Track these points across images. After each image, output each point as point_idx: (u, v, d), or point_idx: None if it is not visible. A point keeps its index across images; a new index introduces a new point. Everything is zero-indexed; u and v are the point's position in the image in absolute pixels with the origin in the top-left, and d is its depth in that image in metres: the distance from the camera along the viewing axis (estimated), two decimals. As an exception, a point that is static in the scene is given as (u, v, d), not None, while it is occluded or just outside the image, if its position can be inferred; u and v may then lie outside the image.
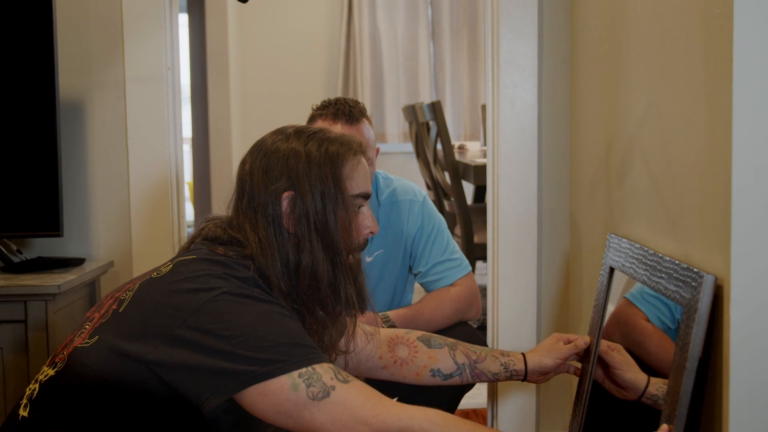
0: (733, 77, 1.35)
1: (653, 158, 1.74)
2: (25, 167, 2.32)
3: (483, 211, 3.46)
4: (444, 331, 2.14)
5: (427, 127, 3.92)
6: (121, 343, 1.31)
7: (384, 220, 2.19)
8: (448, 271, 2.20)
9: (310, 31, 5.82)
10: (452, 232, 3.86)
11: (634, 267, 1.73)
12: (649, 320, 1.64)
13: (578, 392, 1.94)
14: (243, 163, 1.49)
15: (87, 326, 1.40)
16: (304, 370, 1.27)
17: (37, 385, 1.37)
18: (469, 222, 3.58)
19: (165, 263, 1.43)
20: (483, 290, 3.18)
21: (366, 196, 1.48)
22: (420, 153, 4.20)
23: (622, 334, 1.76)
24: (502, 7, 2.32)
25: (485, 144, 4.77)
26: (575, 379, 1.89)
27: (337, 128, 2.04)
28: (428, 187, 4.33)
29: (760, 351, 1.37)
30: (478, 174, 3.55)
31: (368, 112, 2.16)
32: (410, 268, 2.25)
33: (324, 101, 2.14)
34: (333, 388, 1.28)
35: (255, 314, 1.30)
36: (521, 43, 2.33)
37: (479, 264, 3.72)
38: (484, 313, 3.59)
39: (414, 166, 5.14)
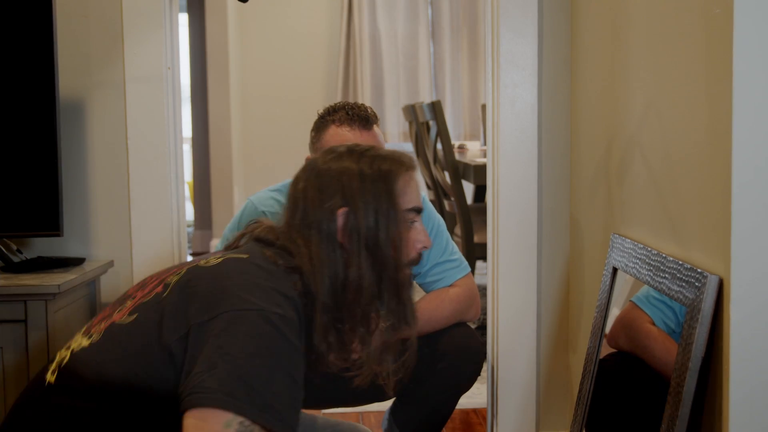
0: (733, 77, 1.35)
1: (653, 158, 1.74)
2: (25, 167, 2.32)
3: (483, 211, 3.46)
4: (443, 332, 2.14)
5: (427, 126, 3.91)
6: (159, 328, 1.32)
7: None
8: (447, 272, 2.20)
9: (310, 31, 5.82)
10: (452, 232, 3.87)
11: (638, 267, 1.73)
12: (654, 323, 1.64)
13: (579, 392, 1.94)
14: (296, 182, 1.51)
15: (128, 303, 1.41)
16: (248, 423, 1.24)
17: (68, 354, 1.38)
18: (469, 222, 3.58)
19: (215, 254, 1.44)
20: (483, 290, 3.18)
21: (418, 211, 1.50)
22: (420, 153, 4.20)
23: (627, 336, 1.76)
24: (502, 6, 2.32)
25: (485, 144, 4.77)
26: (576, 379, 1.89)
27: (355, 133, 2.03)
28: (428, 187, 4.33)
29: (761, 351, 1.37)
30: (478, 174, 3.55)
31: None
32: (409, 269, 2.25)
33: (332, 106, 2.11)
34: None
35: (260, 348, 1.29)
36: (521, 43, 2.33)
37: (479, 264, 3.72)
38: (484, 313, 3.59)
39: (414, 166, 5.12)
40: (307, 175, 1.50)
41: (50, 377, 1.36)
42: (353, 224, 1.43)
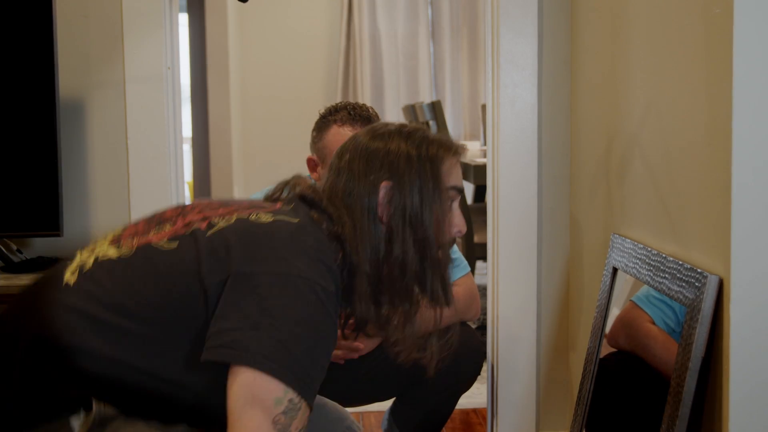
0: (733, 77, 1.35)
1: (653, 158, 1.74)
2: (25, 167, 2.32)
3: (483, 211, 3.46)
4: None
5: (427, 126, 3.91)
6: (198, 265, 1.32)
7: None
8: (447, 271, 2.20)
9: (309, 31, 5.82)
10: (452, 232, 3.86)
11: (638, 267, 1.73)
12: (654, 323, 1.65)
13: (579, 392, 1.94)
14: (341, 155, 1.52)
15: (167, 227, 1.40)
16: (297, 399, 1.25)
17: (92, 260, 1.37)
18: (469, 222, 3.58)
19: (264, 208, 1.43)
20: (483, 290, 3.17)
21: (460, 190, 1.51)
22: (420, 153, 4.19)
23: (627, 336, 1.77)
24: (502, 6, 2.32)
25: (485, 144, 4.77)
26: (576, 379, 1.89)
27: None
28: (428, 187, 4.32)
29: (761, 351, 1.37)
30: (478, 174, 3.55)
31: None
32: (410, 268, 2.25)
33: (333, 106, 2.13)
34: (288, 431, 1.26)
35: (304, 317, 1.29)
36: (521, 43, 2.33)
37: (479, 264, 3.72)
38: (484, 313, 3.59)
39: (414, 166, 5.12)
40: (353, 149, 1.50)
41: (69, 277, 1.35)
42: (397, 200, 1.44)
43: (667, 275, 1.58)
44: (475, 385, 2.22)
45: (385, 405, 2.33)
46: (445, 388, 2.13)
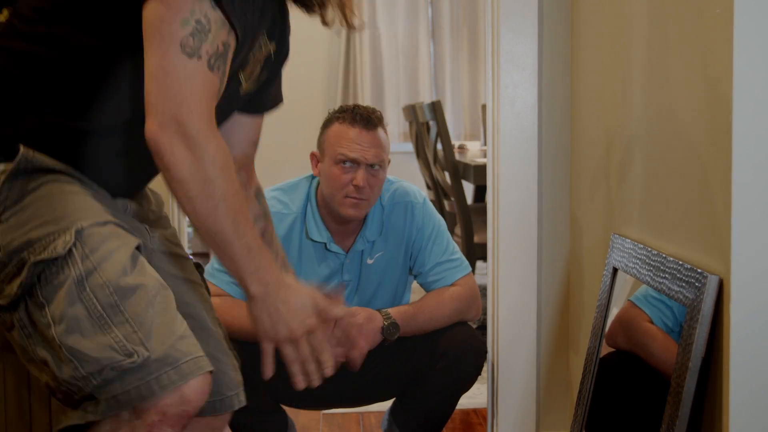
0: (733, 77, 1.35)
1: (653, 158, 1.74)
2: (25, 167, 2.32)
3: (483, 211, 3.46)
4: (443, 331, 2.15)
5: (427, 126, 3.91)
6: None
7: (385, 223, 2.21)
8: (448, 271, 2.21)
9: (309, 31, 5.81)
10: (452, 232, 3.87)
11: (638, 267, 1.73)
12: (653, 322, 1.65)
13: (579, 392, 1.94)
14: None
15: None
16: (206, 16, 1.14)
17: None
18: (469, 222, 3.58)
19: None
20: (483, 290, 3.18)
21: None
22: (420, 153, 4.20)
23: (626, 335, 1.77)
24: (502, 6, 2.32)
25: (485, 144, 4.77)
26: (576, 379, 1.90)
27: (355, 131, 2.12)
28: (428, 187, 4.33)
29: (761, 351, 1.37)
30: (478, 174, 3.55)
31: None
32: (410, 270, 2.26)
33: (342, 106, 2.21)
34: (199, 56, 1.14)
35: None
36: (521, 43, 2.33)
37: (479, 264, 3.72)
38: (484, 313, 3.59)
39: (414, 165, 5.14)
40: None
41: None
42: None
43: (667, 275, 1.58)
44: (475, 385, 2.22)
45: (385, 405, 2.33)
46: (445, 388, 2.14)
